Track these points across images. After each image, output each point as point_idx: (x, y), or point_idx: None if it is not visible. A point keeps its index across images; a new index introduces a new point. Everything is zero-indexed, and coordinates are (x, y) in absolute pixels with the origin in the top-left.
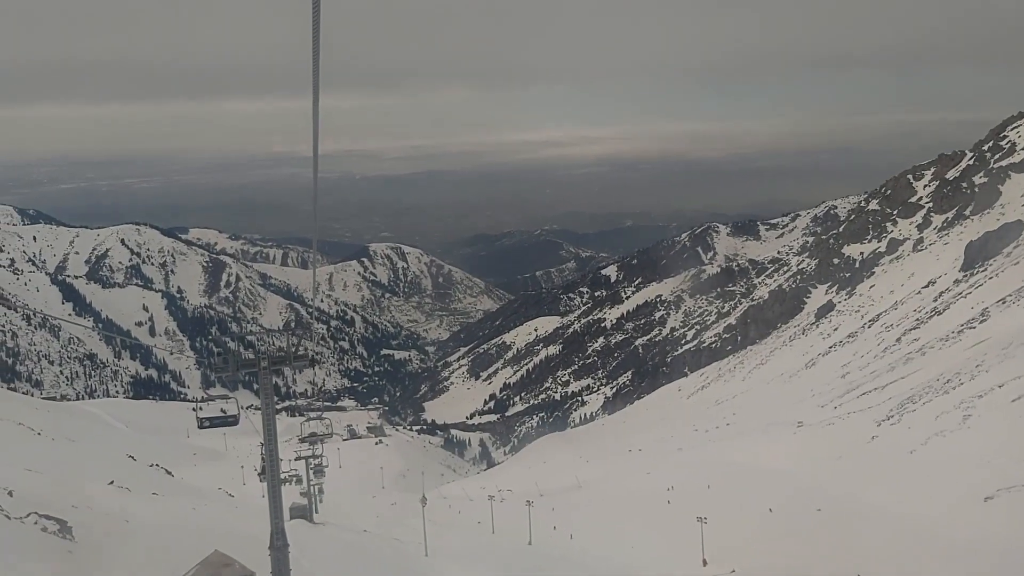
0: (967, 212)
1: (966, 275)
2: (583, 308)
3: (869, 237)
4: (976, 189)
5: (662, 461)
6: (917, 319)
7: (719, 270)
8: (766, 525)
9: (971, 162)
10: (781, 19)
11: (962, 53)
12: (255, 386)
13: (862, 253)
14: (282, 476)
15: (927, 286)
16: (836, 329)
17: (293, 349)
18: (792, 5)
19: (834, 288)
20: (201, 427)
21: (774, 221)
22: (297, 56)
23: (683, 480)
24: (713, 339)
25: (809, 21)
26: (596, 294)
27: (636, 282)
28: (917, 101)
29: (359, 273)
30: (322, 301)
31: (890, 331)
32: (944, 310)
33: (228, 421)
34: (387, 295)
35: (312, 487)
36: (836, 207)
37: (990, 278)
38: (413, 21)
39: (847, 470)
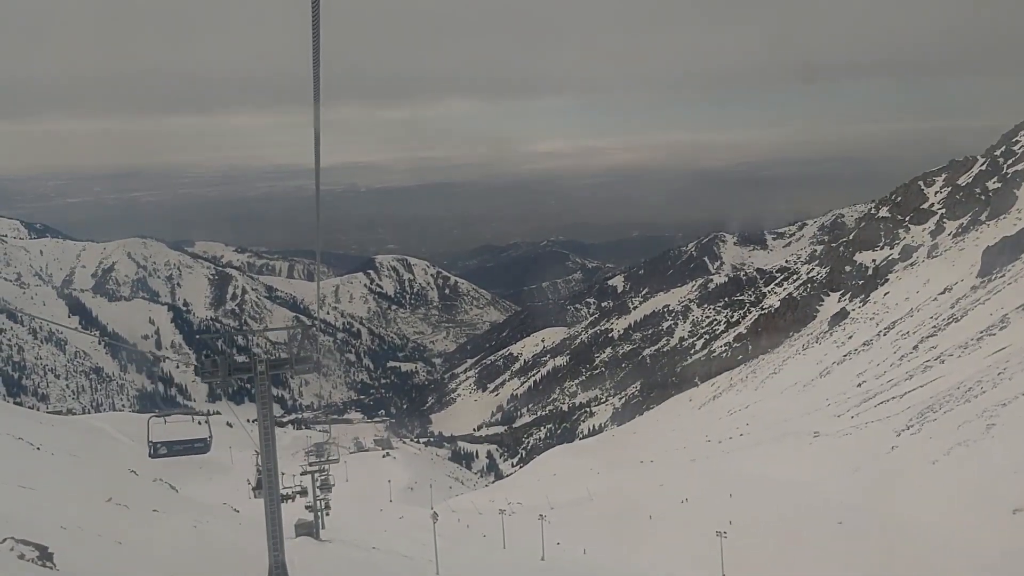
0: (982, 218)
1: (984, 281)
2: (590, 319)
3: (881, 244)
4: (991, 194)
5: (675, 473)
6: (934, 326)
7: (727, 279)
8: (786, 539)
9: (983, 167)
10: (784, 29)
11: (966, 61)
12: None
13: (874, 260)
14: (284, 491)
15: (943, 293)
16: (851, 337)
17: (296, 352)
18: (795, 15)
19: (847, 296)
20: (155, 455)
21: (781, 230)
22: (302, 69)
23: (698, 492)
24: (723, 348)
25: (812, 31)
26: (603, 304)
27: (643, 292)
28: (921, 110)
29: (365, 285)
30: (328, 313)
31: (906, 339)
32: (962, 317)
33: (195, 448)
34: (393, 307)
35: (319, 502)
36: (843, 216)
37: (1009, 284)
38: (419, 34)
39: (867, 481)
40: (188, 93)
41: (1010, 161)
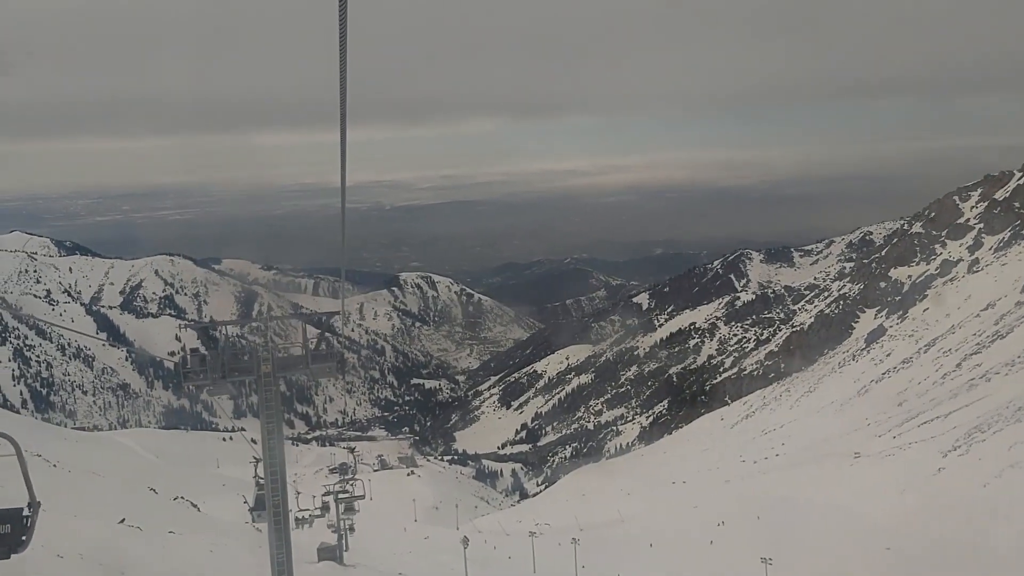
0: None
1: None
2: (615, 336)
3: (917, 260)
4: None
5: (709, 494)
6: (978, 343)
7: (754, 297)
8: (832, 564)
9: (1021, 182)
10: (808, 47)
11: (988, 79)
12: (292, 409)
13: (910, 276)
14: (301, 514)
15: (986, 309)
16: (889, 355)
17: (313, 347)
18: (819, 33)
19: (883, 312)
20: None
21: (808, 248)
22: (328, 88)
23: (734, 515)
24: (754, 366)
25: (836, 49)
26: (628, 322)
27: (668, 310)
28: (943, 128)
29: (389, 302)
30: (352, 331)
31: (948, 356)
32: (1007, 334)
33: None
34: (417, 324)
35: (342, 522)
36: (871, 233)
37: None
38: (443, 54)
39: (914, 504)
40: (215, 113)
41: None
